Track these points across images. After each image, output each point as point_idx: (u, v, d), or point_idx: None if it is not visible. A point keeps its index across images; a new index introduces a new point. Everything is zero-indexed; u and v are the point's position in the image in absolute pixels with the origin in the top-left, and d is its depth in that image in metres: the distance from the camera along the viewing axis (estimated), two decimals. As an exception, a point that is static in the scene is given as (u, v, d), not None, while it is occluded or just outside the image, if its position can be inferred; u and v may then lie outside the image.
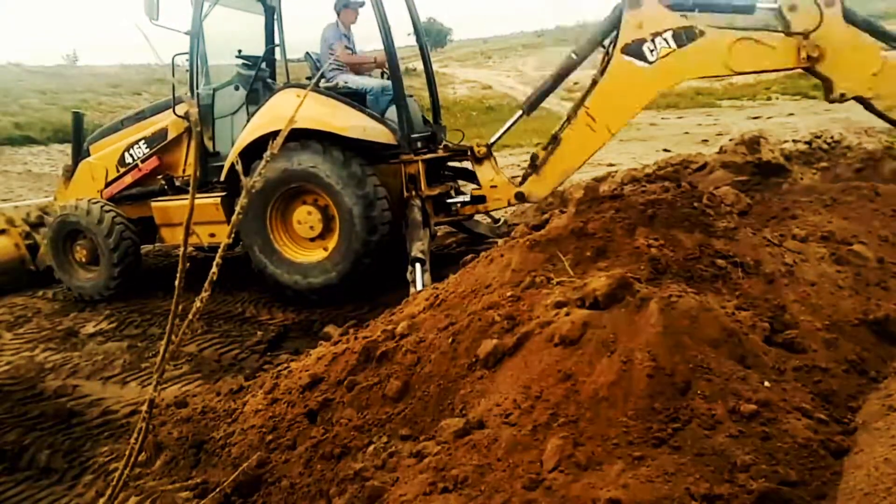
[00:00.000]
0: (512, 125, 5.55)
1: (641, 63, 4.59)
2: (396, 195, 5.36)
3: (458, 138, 6.34)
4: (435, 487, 1.80)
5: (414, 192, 5.37)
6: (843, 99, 4.47)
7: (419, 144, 5.62)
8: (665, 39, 4.53)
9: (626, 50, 4.62)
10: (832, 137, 6.10)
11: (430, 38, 7.00)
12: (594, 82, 5.05)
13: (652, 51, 4.56)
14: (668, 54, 4.54)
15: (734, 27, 4.69)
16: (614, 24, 4.72)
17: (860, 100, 4.48)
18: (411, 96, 5.82)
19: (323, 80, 5.86)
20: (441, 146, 6.01)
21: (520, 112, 5.40)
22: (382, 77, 6.12)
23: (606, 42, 4.91)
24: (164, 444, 2.67)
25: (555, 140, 5.11)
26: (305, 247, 5.43)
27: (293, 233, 5.43)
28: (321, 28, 6.20)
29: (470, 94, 24.38)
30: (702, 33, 4.53)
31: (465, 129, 7.42)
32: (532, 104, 5.28)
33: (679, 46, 4.53)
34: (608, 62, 4.80)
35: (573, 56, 5.04)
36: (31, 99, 19.61)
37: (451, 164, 6.13)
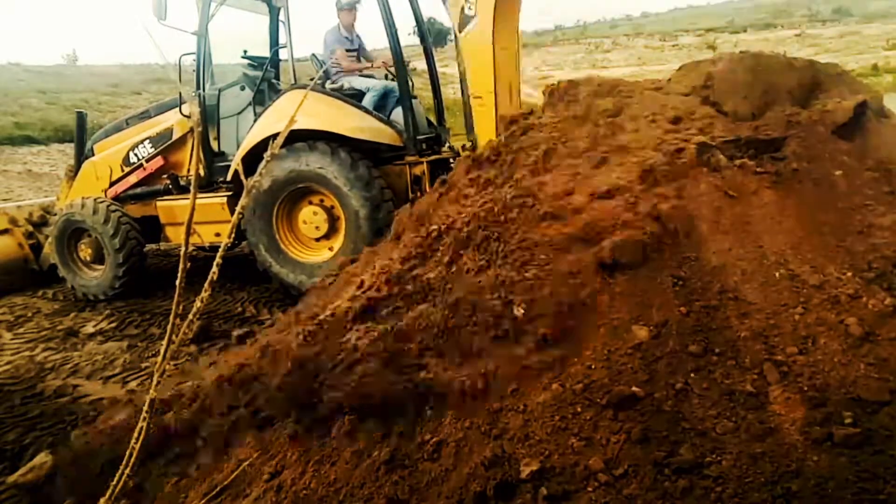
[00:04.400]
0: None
1: (472, 25, 4.81)
2: (401, 196, 5.36)
3: (464, 142, 6.34)
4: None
5: (419, 194, 5.36)
6: None
7: (424, 146, 5.62)
8: None
9: (461, 26, 4.87)
10: None
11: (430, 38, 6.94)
12: None
13: (471, 8, 4.78)
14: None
15: None
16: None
17: None
18: (415, 97, 5.83)
19: (328, 82, 5.86)
20: (445, 147, 6.01)
21: None
22: (386, 78, 6.12)
23: None
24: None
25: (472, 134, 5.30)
26: (311, 246, 5.44)
27: (299, 232, 5.44)
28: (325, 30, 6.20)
29: (470, 96, 24.38)
30: None
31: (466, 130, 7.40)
32: None
33: None
34: None
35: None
36: (31, 99, 19.60)
37: (454, 165, 6.12)
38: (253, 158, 5.24)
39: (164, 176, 6.11)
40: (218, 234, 5.50)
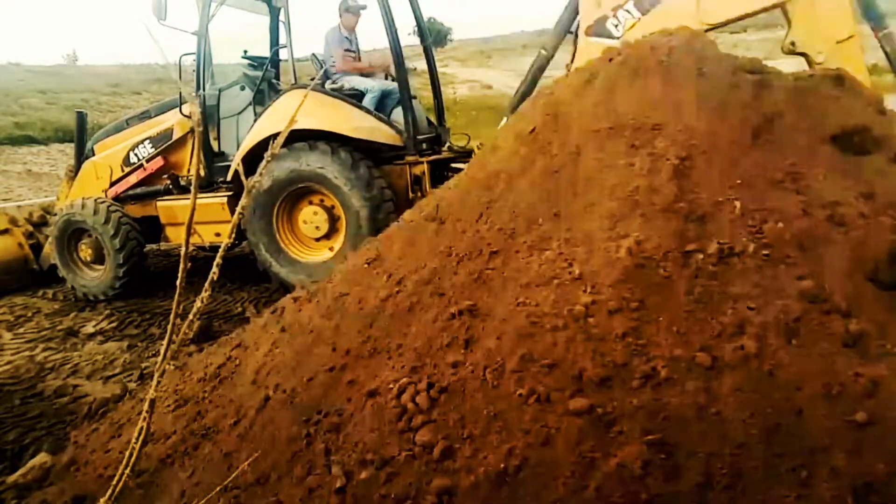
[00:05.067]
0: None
1: (609, 41, 4.30)
2: (401, 196, 5.37)
3: (463, 141, 6.35)
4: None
5: (419, 194, 5.37)
6: (791, 49, 4.05)
7: (424, 146, 5.62)
8: (628, 11, 4.28)
9: (591, 31, 4.40)
10: None
11: (430, 37, 6.94)
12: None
13: (616, 26, 4.32)
14: (633, 25, 4.26)
15: None
16: (575, 9, 4.52)
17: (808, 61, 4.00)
18: (415, 97, 5.83)
19: (328, 82, 5.87)
20: (445, 147, 6.02)
21: (504, 118, 5.25)
22: (386, 79, 6.12)
23: (574, 30, 4.61)
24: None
25: None
26: (311, 246, 5.45)
27: (299, 232, 5.45)
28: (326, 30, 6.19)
29: (470, 94, 24.39)
30: None
31: (466, 129, 7.41)
32: (515, 109, 5.14)
33: (643, 14, 4.26)
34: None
35: (543, 52, 4.82)
36: (31, 99, 19.59)
37: (454, 165, 6.13)
38: (253, 158, 5.24)
39: (165, 176, 6.12)
40: (218, 234, 5.51)
